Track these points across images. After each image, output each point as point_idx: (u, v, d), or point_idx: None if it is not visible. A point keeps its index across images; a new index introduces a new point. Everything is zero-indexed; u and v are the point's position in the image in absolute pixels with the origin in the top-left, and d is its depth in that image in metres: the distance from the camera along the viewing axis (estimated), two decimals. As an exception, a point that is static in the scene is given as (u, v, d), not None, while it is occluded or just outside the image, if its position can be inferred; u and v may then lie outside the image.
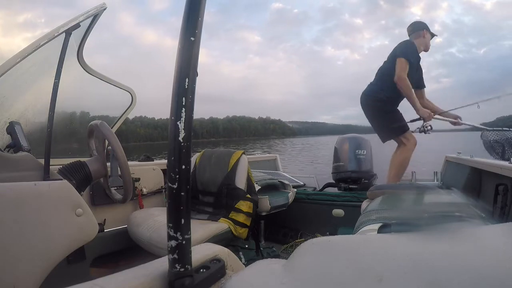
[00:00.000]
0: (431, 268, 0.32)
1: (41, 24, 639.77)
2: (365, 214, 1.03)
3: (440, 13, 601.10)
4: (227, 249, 0.51)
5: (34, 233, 0.65)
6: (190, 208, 0.39)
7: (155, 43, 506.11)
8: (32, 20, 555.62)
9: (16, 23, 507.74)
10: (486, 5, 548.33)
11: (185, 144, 0.37)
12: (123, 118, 1.96)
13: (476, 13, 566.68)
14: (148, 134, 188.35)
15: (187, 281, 0.38)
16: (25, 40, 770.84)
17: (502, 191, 1.54)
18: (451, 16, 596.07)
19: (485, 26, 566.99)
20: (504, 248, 0.38)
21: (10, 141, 1.16)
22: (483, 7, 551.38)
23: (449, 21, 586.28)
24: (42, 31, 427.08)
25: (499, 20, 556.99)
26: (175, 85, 0.37)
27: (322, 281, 0.34)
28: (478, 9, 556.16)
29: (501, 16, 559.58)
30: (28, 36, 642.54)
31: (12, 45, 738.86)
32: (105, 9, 1.26)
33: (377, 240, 0.49)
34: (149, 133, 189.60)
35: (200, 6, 0.38)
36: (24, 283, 0.62)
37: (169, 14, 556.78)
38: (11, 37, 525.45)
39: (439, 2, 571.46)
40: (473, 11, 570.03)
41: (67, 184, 0.76)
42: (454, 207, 0.87)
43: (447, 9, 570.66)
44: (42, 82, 1.36)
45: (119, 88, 1.88)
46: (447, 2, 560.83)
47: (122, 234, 1.53)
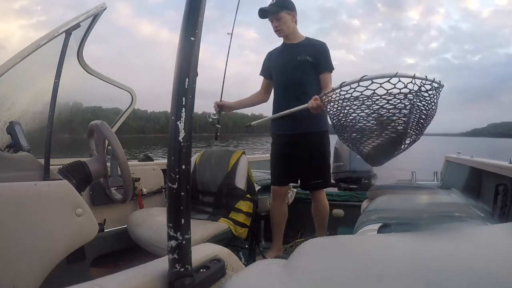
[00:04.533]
0: (431, 268, 0.32)
1: (37, 12, 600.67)
2: (365, 214, 1.03)
3: (437, 18, 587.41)
4: (227, 249, 0.51)
5: (34, 233, 0.65)
6: (190, 208, 0.39)
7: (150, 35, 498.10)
8: (28, 7, 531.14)
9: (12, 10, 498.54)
10: (483, 13, 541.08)
11: (185, 144, 0.37)
12: (123, 118, 1.96)
13: (473, 20, 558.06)
14: (141, 126, 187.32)
15: (187, 281, 0.38)
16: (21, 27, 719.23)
17: (502, 191, 1.54)
18: (448, 22, 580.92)
19: (481, 33, 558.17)
20: (504, 248, 0.38)
21: (10, 141, 1.16)
22: (479, 14, 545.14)
23: (446, 27, 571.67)
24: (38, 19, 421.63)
25: (495, 28, 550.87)
26: (175, 85, 0.37)
27: (322, 281, 0.34)
28: (475, 16, 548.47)
29: (497, 24, 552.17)
30: (24, 23, 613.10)
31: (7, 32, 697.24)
32: (105, 9, 1.26)
33: (377, 240, 0.49)
34: (141, 126, 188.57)
35: (200, 6, 0.38)
36: (24, 283, 0.62)
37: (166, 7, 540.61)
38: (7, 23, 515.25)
39: (436, 8, 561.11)
40: (470, 18, 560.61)
41: (67, 184, 0.76)
42: (454, 207, 0.88)
43: (445, 15, 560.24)
44: (42, 82, 1.36)
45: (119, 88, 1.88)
46: (445, 8, 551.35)
47: (122, 234, 1.53)
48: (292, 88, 1.73)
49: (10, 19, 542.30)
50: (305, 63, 1.72)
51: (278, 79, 1.83)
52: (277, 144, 1.85)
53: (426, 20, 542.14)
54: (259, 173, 2.26)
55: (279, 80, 1.82)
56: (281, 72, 1.81)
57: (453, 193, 1.61)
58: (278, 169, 1.84)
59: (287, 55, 1.78)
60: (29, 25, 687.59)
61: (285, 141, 1.79)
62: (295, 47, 1.78)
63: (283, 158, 1.81)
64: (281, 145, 1.82)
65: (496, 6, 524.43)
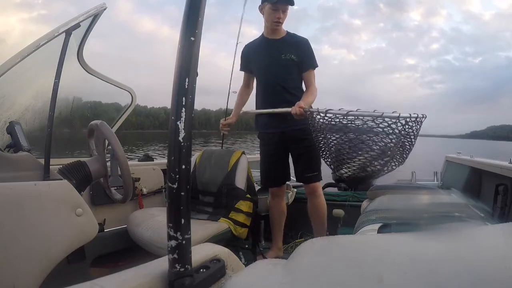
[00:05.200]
0: (431, 268, 0.32)
1: (38, 5, 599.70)
2: (365, 214, 1.03)
3: (439, 19, 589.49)
4: (227, 249, 0.51)
5: (34, 233, 0.65)
6: (190, 208, 0.39)
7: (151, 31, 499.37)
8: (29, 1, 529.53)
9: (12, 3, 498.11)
10: (485, 16, 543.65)
11: (185, 144, 0.37)
12: (123, 118, 1.96)
13: (475, 23, 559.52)
14: (140, 122, 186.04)
15: (187, 281, 0.38)
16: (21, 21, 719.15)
17: (502, 191, 1.54)
18: (449, 24, 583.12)
19: (483, 36, 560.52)
20: (504, 248, 0.38)
21: (10, 141, 1.16)
22: (481, 17, 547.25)
23: (447, 29, 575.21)
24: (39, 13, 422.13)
25: (496, 31, 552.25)
26: (175, 85, 0.37)
27: (322, 281, 0.34)
28: (477, 19, 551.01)
29: (499, 27, 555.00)
30: (24, 17, 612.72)
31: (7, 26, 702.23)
32: (105, 9, 1.26)
33: (377, 240, 0.49)
34: (140, 121, 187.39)
35: (200, 6, 0.38)
36: (24, 283, 0.62)
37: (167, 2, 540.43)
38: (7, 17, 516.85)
39: (438, 9, 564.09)
40: (472, 20, 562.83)
41: (67, 184, 0.76)
42: (454, 207, 0.88)
43: (446, 17, 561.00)
44: (42, 82, 1.36)
45: (119, 88, 1.88)
46: (447, 10, 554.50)
47: (122, 234, 1.53)
48: (275, 86, 1.69)
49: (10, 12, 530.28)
50: (289, 61, 1.68)
51: (261, 77, 1.77)
52: (267, 145, 1.81)
53: (428, 21, 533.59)
54: (259, 173, 2.26)
55: (261, 77, 1.77)
56: (264, 70, 1.75)
57: (453, 193, 1.61)
58: (273, 170, 1.81)
59: (270, 52, 1.72)
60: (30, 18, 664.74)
61: (275, 140, 1.76)
62: (278, 44, 1.71)
63: (276, 157, 1.79)
64: (272, 144, 1.78)
65: (498, 9, 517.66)
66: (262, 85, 1.78)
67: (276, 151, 1.78)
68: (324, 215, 1.84)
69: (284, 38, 1.74)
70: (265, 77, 1.76)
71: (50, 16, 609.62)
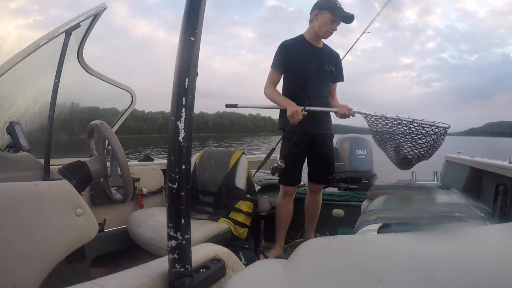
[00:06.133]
0: (431, 268, 0.32)
1: (33, 12, 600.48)
2: (365, 214, 1.03)
3: (434, 18, 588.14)
4: (227, 249, 0.51)
5: (34, 233, 0.65)
6: (190, 208, 0.39)
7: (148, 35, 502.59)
8: (25, 7, 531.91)
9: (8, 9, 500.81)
10: (480, 13, 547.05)
11: (185, 144, 0.37)
12: (123, 118, 1.96)
13: (470, 20, 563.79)
14: (138, 126, 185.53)
15: (187, 281, 0.38)
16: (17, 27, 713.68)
17: (502, 191, 1.54)
18: (444, 22, 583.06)
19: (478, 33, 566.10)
20: (504, 248, 0.38)
21: (10, 141, 1.16)
22: (476, 14, 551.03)
23: (443, 27, 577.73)
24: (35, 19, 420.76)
25: (492, 28, 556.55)
26: (175, 85, 0.37)
27: (322, 281, 0.34)
28: (472, 16, 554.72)
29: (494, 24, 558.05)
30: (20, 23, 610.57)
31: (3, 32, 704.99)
32: (105, 9, 1.26)
33: (377, 240, 0.49)
34: (138, 126, 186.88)
35: (200, 6, 0.38)
36: (24, 283, 0.62)
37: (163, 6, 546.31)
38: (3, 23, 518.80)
39: (433, 8, 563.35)
40: (467, 18, 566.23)
41: (67, 184, 0.76)
42: (454, 207, 0.88)
43: (441, 15, 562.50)
44: (42, 82, 1.36)
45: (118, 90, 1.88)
46: (442, 9, 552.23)
47: (122, 234, 1.53)
48: (312, 91, 1.71)
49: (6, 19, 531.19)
50: (329, 73, 1.79)
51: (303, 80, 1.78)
52: (297, 145, 1.78)
53: (423, 20, 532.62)
54: (259, 173, 2.26)
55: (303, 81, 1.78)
56: (306, 73, 1.77)
57: (453, 193, 1.60)
58: (294, 169, 1.81)
59: (314, 59, 1.78)
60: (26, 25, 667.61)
61: (306, 140, 1.78)
62: (321, 53, 1.81)
63: (302, 158, 1.83)
64: (300, 144, 1.78)
65: (493, 7, 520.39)
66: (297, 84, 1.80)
67: (302, 152, 1.82)
68: (319, 212, 1.97)
69: (324, 48, 1.84)
70: (307, 83, 1.77)
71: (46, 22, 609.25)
